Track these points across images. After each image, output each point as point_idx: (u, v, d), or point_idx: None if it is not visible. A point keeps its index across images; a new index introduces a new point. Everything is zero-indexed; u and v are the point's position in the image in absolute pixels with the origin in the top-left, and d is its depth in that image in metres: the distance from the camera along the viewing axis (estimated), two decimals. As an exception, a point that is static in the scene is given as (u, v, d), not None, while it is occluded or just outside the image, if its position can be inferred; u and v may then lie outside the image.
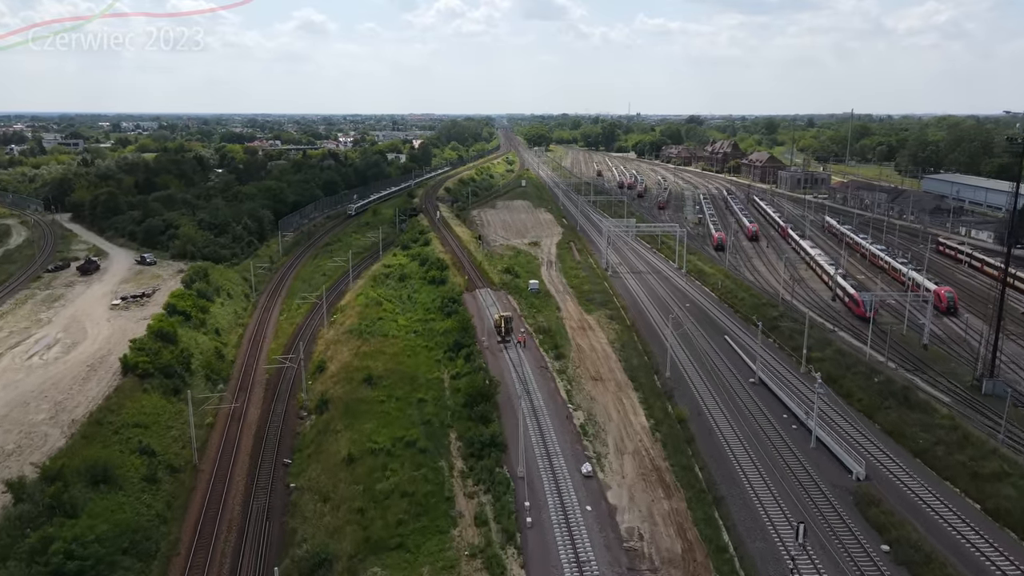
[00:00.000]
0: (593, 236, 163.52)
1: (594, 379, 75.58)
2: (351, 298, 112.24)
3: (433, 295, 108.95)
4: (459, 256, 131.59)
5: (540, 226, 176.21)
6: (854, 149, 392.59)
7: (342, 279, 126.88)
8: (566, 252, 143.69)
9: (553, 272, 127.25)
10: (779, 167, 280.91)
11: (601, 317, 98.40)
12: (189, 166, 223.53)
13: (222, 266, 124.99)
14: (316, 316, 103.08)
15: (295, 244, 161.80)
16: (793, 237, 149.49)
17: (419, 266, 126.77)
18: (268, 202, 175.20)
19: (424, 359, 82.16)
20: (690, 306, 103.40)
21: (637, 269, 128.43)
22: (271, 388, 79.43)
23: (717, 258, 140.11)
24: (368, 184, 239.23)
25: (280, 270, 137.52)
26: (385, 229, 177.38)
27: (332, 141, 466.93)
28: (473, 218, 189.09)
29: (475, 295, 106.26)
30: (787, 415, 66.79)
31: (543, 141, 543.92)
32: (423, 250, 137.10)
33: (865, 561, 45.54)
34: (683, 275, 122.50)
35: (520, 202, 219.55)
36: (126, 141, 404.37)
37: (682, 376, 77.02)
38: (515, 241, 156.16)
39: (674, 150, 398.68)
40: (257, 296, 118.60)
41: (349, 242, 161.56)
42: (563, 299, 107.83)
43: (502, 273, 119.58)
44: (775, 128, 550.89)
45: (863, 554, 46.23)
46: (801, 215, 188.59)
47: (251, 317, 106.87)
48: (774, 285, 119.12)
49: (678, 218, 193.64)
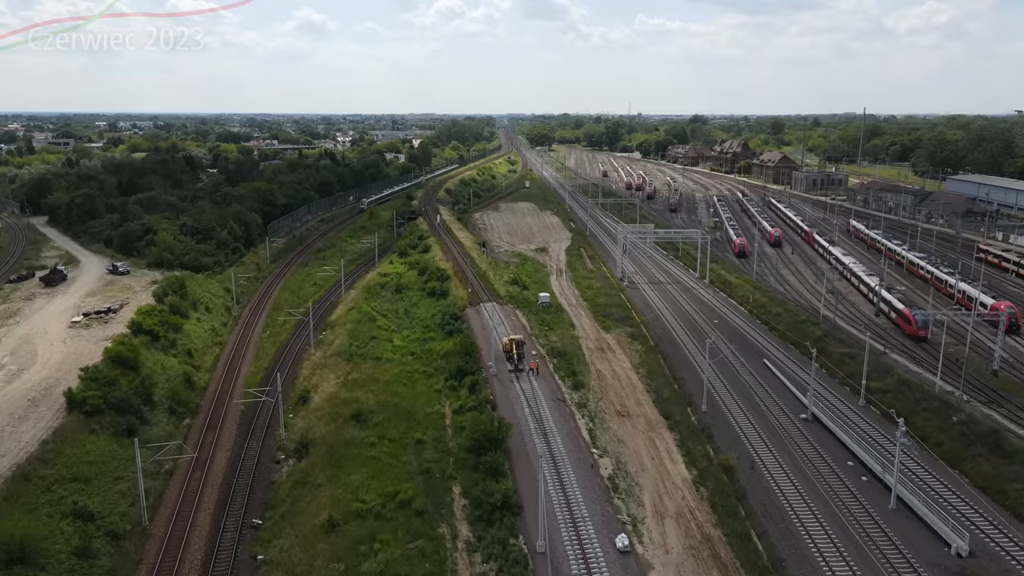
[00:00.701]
0: (604, 241, 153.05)
1: (620, 414, 64.96)
2: (342, 312, 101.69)
3: (433, 309, 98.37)
4: (461, 265, 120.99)
5: (547, 230, 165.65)
6: (865, 149, 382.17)
7: (334, 289, 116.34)
8: (576, 259, 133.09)
9: (564, 282, 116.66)
10: (792, 167, 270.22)
11: (621, 336, 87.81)
12: (177, 166, 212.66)
13: (203, 276, 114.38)
14: (302, 333, 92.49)
15: (286, 250, 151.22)
16: (820, 243, 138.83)
17: (418, 275, 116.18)
18: (258, 205, 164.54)
19: (422, 388, 71.54)
20: (719, 323, 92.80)
21: (655, 279, 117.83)
22: (245, 423, 68.77)
23: (740, 266, 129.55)
24: (365, 185, 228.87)
25: (267, 279, 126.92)
26: (382, 233, 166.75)
27: (330, 141, 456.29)
28: (475, 221, 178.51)
29: (479, 310, 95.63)
30: (853, 463, 56.19)
31: (545, 141, 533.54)
32: (422, 257, 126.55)
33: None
34: (706, 286, 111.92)
35: (525, 204, 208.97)
36: (118, 140, 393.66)
37: (721, 410, 66.46)
38: (521, 247, 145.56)
39: (681, 150, 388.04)
40: (240, 309, 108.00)
41: (343, 247, 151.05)
42: (577, 314, 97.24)
43: (509, 284, 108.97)
44: (781, 128, 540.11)
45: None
46: (822, 218, 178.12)
47: (231, 334, 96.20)
48: (807, 298, 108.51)
49: (692, 222, 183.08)
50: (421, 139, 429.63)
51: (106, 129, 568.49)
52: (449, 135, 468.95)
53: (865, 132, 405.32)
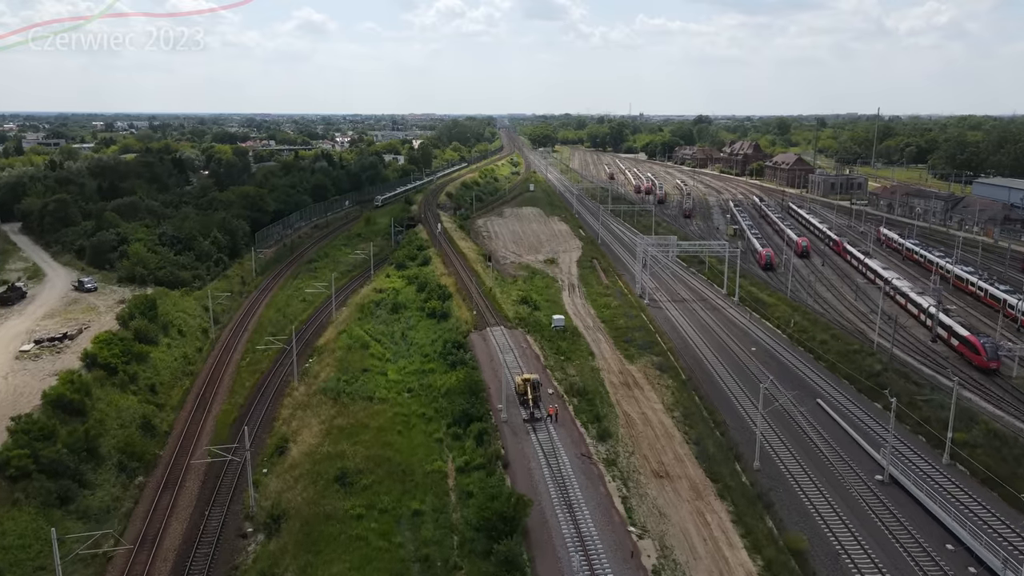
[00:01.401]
0: (618, 251, 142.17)
1: (658, 475, 54.10)
2: (332, 336, 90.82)
3: (433, 334, 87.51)
4: (464, 280, 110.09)
5: (555, 238, 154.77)
6: (878, 150, 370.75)
7: (324, 307, 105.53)
8: (590, 272, 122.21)
9: (577, 299, 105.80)
10: (808, 170, 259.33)
11: (647, 367, 76.96)
12: (164, 169, 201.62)
13: (179, 292, 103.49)
14: (286, 360, 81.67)
15: (275, 260, 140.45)
16: (853, 254, 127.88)
17: (416, 292, 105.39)
18: (245, 211, 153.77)
19: (420, 438, 60.67)
20: (757, 350, 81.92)
21: (678, 296, 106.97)
22: (211, 480, 57.91)
23: (769, 281, 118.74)
24: (363, 189, 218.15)
25: (253, 294, 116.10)
26: (379, 241, 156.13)
27: (328, 141, 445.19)
28: (478, 228, 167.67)
29: (485, 336, 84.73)
30: (955, 546, 45.36)
31: (548, 141, 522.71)
32: (422, 271, 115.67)
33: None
34: (735, 305, 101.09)
35: (530, 209, 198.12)
36: (110, 141, 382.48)
37: (777, 468, 55.64)
38: (528, 258, 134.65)
39: (688, 151, 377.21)
40: (219, 330, 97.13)
41: (336, 257, 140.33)
42: (596, 340, 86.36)
43: (517, 304, 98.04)
44: (787, 128, 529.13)
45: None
46: (848, 225, 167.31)
47: (206, 362, 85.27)
48: (849, 319, 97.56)
49: (709, 229, 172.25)
50: (421, 140, 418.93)
51: (102, 129, 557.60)
52: (450, 136, 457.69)
53: (877, 133, 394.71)
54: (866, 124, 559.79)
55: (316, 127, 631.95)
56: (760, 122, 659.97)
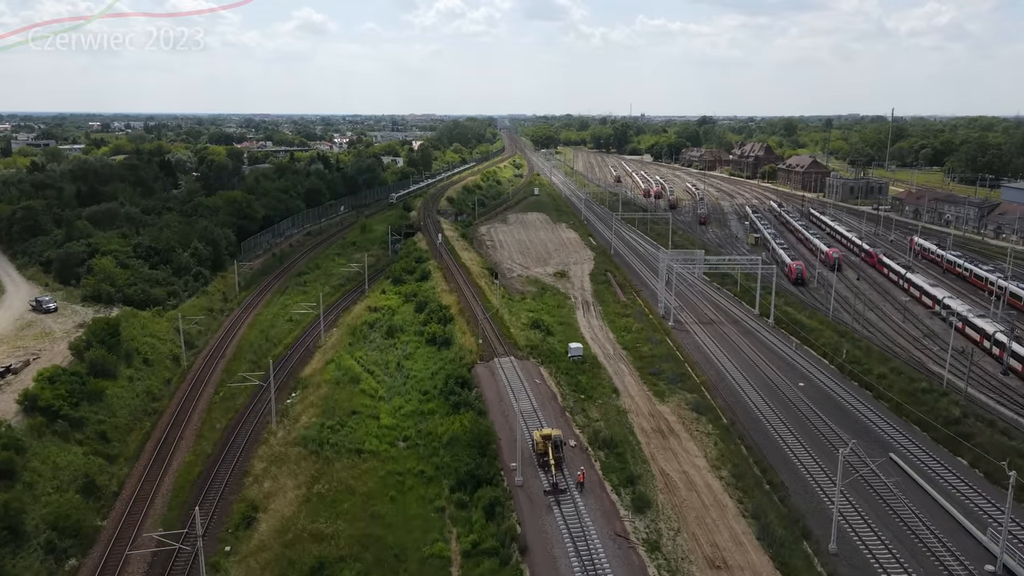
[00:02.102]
0: (632, 262, 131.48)
1: (714, 566, 43.42)
2: (318, 365, 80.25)
3: (433, 364, 76.87)
4: (468, 298, 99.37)
5: (564, 248, 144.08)
6: (891, 152, 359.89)
7: (312, 328, 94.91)
8: (604, 288, 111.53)
9: (594, 320, 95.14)
10: (824, 173, 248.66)
11: (681, 407, 66.37)
12: (149, 172, 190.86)
13: (149, 312, 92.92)
14: (264, 396, 71.06)
15: (262, 272, 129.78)
16: (892, 268, 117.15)
17: (415, 312, 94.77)
18: (231, 218, 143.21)
19: (417, 507, 49.99)
20: (805, 386, 71.30)
21: (705, 317, 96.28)
22: (157, 567, 47.21)
23: (802, 297, 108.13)
24: (359, 193, 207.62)
25: (234, 313, 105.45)
26: (375, 251, 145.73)
27: (326, 142, 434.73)
28: (481, 237, 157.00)
29: (493, 368, 74.06)
30: None
31: (551, 143, 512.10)
32: (420, 287, 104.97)
33: None
34: (771, 328, 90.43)
35: (536, 215, 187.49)
36: (100, 142, 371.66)
37: (856, 549, 45.02)
38: (536, 270, 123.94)
39: (696, 153, 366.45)
40: (193, 357, 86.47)
41: (328, 269, 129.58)
42: (618, 371, 75.74)
43: (528, 328, 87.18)
44: (794, 129, 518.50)
45: None
46: (874, 233, 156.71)
47: (173, 398, 74.61)
48: (904, 346, 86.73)
49: (727, 238, 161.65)
50: (421, 140, 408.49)
51: (98, 129, 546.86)
52: (450, 137, 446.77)
53: (887, 134, 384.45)
54: (876, 125, 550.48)
55: (315, 128, 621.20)
56: (765, 123, 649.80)
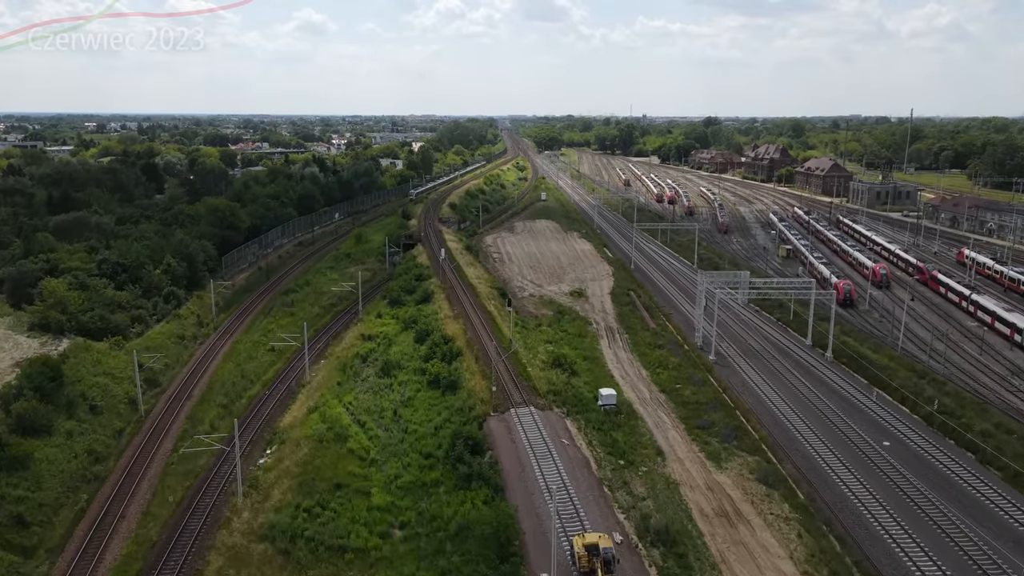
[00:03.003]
0: (656, 278, 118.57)
1: None
2: (300, 413, 67.45)
3: (437, 414, 64.04)
4: (476, 326, 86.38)
5: (579, 262, 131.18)
6: (908, 154, 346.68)
7: (296, 361, 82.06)
8: (628, 311, 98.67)
9: (622, 353, 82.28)
10: (846, 176, 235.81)
11: (745, 477, 53.57)
12: (130, 176, 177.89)
13: (106, 343, 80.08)
14: (231, 458, 58.14)
15: (245, 289, 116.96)
16: (951, 287, 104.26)
17: (414, 343, 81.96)
18: (212, 229, 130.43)
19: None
20: (891, 445, 58.48)
21: (749, 347, 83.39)
22: None
23: (851, 321, 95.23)
24: (355, 198, 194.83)
25: (209, 340, 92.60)
26: (371, 264, 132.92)
27: (324, 143, 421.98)
28: (487, 248, 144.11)
29: (509, 422, 61.20)
30: None
31: (554, 144, 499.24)
32: (421, 312, 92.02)
33: None
34: (830, 363, 77.63)
35: (545, 223, 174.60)
36: (89, 143, 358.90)
37: None
38: (551, 289, 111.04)
39: (706, 155, 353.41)
40: (154, 399, 73.63)
41: (319, 286, 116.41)
42: (659, 423, 62.95)
43: (548, 367, 74.06)
44: (802, 130, 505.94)
45: None
46: (914, 243, 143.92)
47: (121, 457, 61.72)
48: (988, 386, 73.73)
49: (753, 249, 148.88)
50: (422, 141, 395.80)
51: (93, 130, 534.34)
52: (451, 138, 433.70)
53: (905, 135, 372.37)
54: (887, 126, 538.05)
55: (314, 129, 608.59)
56: (771, 124, 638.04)
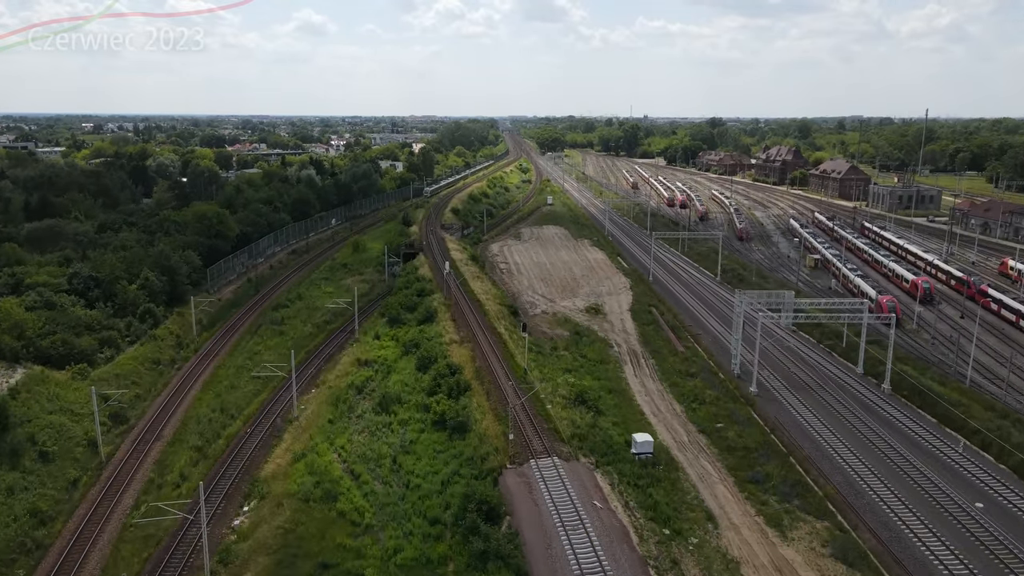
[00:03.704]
0: (677, 291, 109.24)
1: None
2: (284, 460, 58.15)
3: (444, 464, 54.69)
4: (486, 352, 76.88)
5: (593, 273, 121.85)
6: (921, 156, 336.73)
7: (282, 392, 72.72)
8: (653, 331, 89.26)
9: (650, 382, 72.96)
10: (864, 179, 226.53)
11: (816, 550, 44.30)
12: (116, 180, 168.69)
13: (67, 373, 70.82)
14: (199, 522, 48.78)
15: (232, 303, 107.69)
16: (1007, 304, 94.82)
17: (416, 371, 72.66)
18: (201, 237, 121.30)
19: None
20: (987, 507, 49.13)
21: (792, 376, 74.05)
22: None
23: (901, 343, 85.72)
24: (353, 202, 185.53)
25: (189, 363, 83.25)
26: (369, 275, 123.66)
27: (322, 145, 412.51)
28: (494, 258, 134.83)
29: (529, 478, 51.82)
30: None
31: (557, 145, 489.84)
32: (424, 333, 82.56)
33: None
34: (888, 396, 68.35)
35: (553, 229, 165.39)
36: (81, 144, 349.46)
37: None
38: (564, 304, 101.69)
39: (714, 157, 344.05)
40: (119, 438, 64.34)
41: (312, 300, 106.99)
42: (703, 476, 53.61)
43: (570, 404, 64.48)
44: (809, 131, 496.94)
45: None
46: (948, 252, 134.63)
47: (71, 518, 52.41)
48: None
49: (776, 258, 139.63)
50: (422, 143, 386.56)
51: (90, 131, 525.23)
52: (452, 139, 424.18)
53: (917, 136, 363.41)
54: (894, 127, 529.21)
55: (313, 129, 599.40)
56: (777, 124, 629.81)
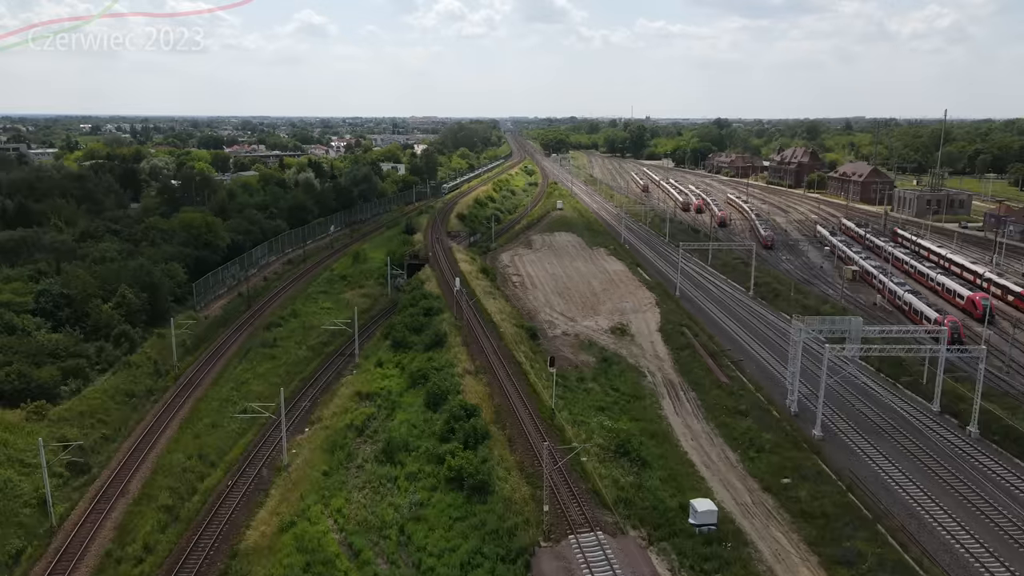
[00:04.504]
0: (708, 308, 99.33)
1: None
2: (269, 528, 48.37)
3: (462, 539, 44.85)
4: (506, 388, 66.79)
5: (614, 286, 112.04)
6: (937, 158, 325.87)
7: (271, 430, 62.99)
8: (689, 357, 79.40)
9: (694, 423, 63.17)
10: (888, 183, 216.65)
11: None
12: (101, 185, 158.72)
13: (24, 410, 61.05)
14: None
15: (222, 320, 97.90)
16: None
17: (425, 408, 62.90)
18: (187, 248, 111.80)
19: None
20: None
21: (859, 417, 64.21)
22: None
23: (968, 371, 75.98)
24: (354, 207, 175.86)
25: (168, 394, 73.46)
26: (371, 288, 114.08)
27: (322, 146, 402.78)
28: (505, 268, 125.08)
29: (570, 558, 41.89)
30: None
31: (562, 147, 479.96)
32: (433, 362, 72.55)
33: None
34: (975, 441, 58.68)
35: (565, 236, 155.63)
36: (75, 146, 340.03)
37: None
38: (586, 324, 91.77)
39: (725, 159, 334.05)
40: (77, 495, 54.60)
41: (308, 318, 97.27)
42: (779, 554, 43.81)
43: (610, 457, 54.47)
44: (818, 132, 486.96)
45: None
46: (994, 262, 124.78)
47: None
48: None
49: (807, 269, 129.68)
50: (424, 144, 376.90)
51: (88, 132, 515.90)
52: (455, 140, 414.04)
53: (933, 138, 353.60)
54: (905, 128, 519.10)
55: (313, 131, 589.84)
56: (784, 125, 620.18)
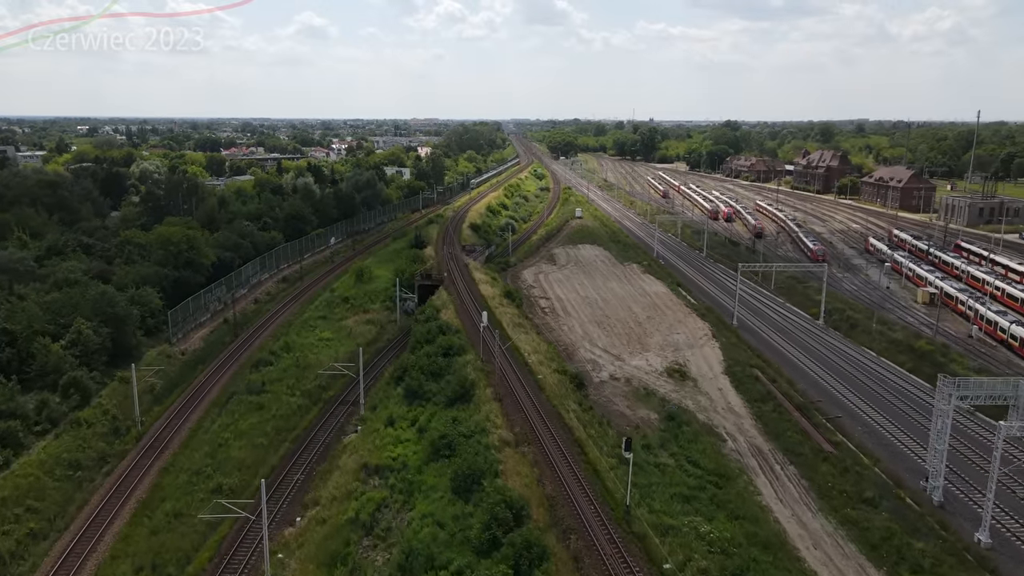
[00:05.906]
0: (775, 341, 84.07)
1: None
2: None
3: None
4: (560, 472, 51.21)
5: (659, 312, 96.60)
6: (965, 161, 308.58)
7: (252, 527, 47.81)
8: (772, 413, 64.05)
9: (805, 515, 47.78)
10: (930, 188, 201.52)
11: None
12: (77, 191, 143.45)
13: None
14: None
15: (200, 357, 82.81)
16: None
17: (452, 496, 47.64)
18: (165, 268, 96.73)
19: None
20: None
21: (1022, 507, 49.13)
22: None
23: None
24: (355, 216, 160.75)
25: (116, 472, 58.24)
26: (376, 312, 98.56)
27: (323, 148, 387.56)
28: (529, 289, 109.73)
29: None
30: None
31: (570, 149, 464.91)
32: (459, 425, 57.17)
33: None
34: None
35: (590, 249, 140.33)
36: (65, 148, 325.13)
37: None
38: (635, 363, 76.27)
39: (745, 162, 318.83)
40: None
41: (304, 353, 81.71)
42: None
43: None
44: (831, 134, 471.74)
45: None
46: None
47: None
48: None
49: (867, 290, 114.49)
50: (427, 146, 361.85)
51: (85, 133, 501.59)
52: (460, 143, 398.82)
53: (959, 140, 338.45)
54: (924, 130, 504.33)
55: (314, 132, 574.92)
56: (795, 127, 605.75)
